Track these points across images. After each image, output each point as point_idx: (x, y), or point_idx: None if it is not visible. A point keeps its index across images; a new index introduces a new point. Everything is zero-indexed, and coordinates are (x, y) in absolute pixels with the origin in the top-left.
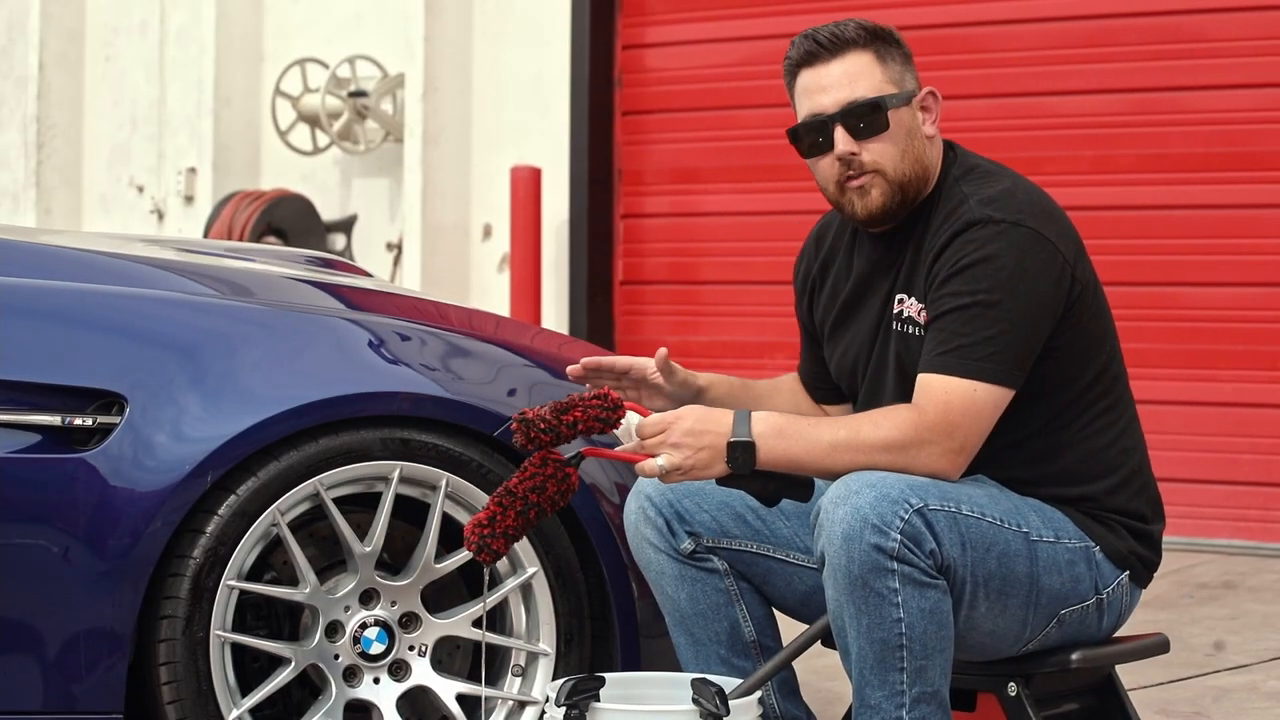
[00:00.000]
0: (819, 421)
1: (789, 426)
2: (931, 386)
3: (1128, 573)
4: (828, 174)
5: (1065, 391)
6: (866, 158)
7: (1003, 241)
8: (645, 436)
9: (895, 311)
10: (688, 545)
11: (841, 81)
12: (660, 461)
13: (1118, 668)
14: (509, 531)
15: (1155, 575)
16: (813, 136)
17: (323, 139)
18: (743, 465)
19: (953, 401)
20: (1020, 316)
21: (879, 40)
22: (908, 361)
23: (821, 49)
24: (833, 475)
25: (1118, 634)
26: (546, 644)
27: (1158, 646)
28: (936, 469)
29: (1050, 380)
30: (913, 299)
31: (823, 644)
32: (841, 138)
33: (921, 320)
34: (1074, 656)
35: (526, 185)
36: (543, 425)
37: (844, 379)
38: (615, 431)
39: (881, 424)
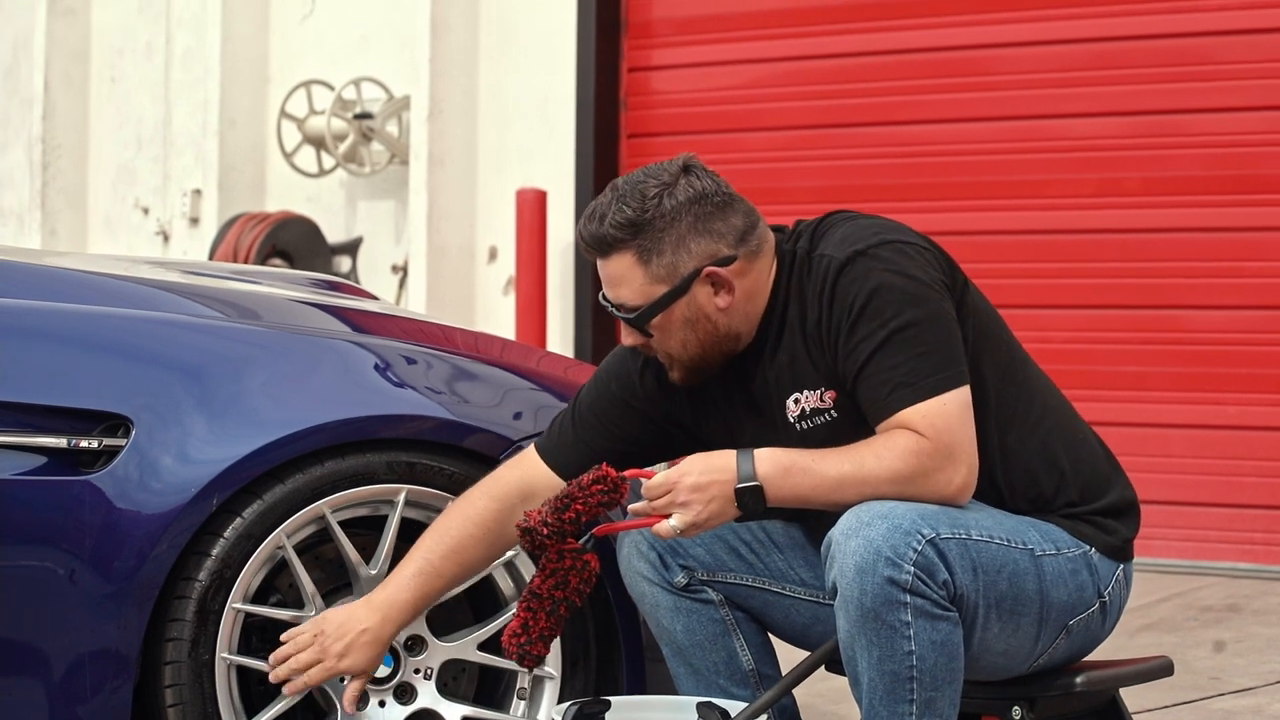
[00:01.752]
0: (823, 455)
1: (794, 464)
2: (906, 420)
3: (1121, 565)
4: None
5: (987, 393)
6: (654, 343)
7: (874, 266)
8: (653, 498)
9: (794, 414)
10: (681, 578)
11: (609, 283)
12: (673, 522)
13: (1121, 691)
14: (545, 633)
15: (1160, 598)
16: (609, 312)
17: (328, 161)
18: (754, 509)
19: (936, 422)
20: (931, 320)
21: (642, 233)
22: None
23: (588, 248)
24: (841, 508)
25: (1121, 657)
26: (552, 667)
27: (1162, 670)
28: (949, 495)
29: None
30: (806, 392)
31: (826, 668)
32: (625, 332)
33: (828, 404)
34: (1078, 680)
35: (532, 208)
36: (545, 531)
37: None
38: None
39: (883, 455)
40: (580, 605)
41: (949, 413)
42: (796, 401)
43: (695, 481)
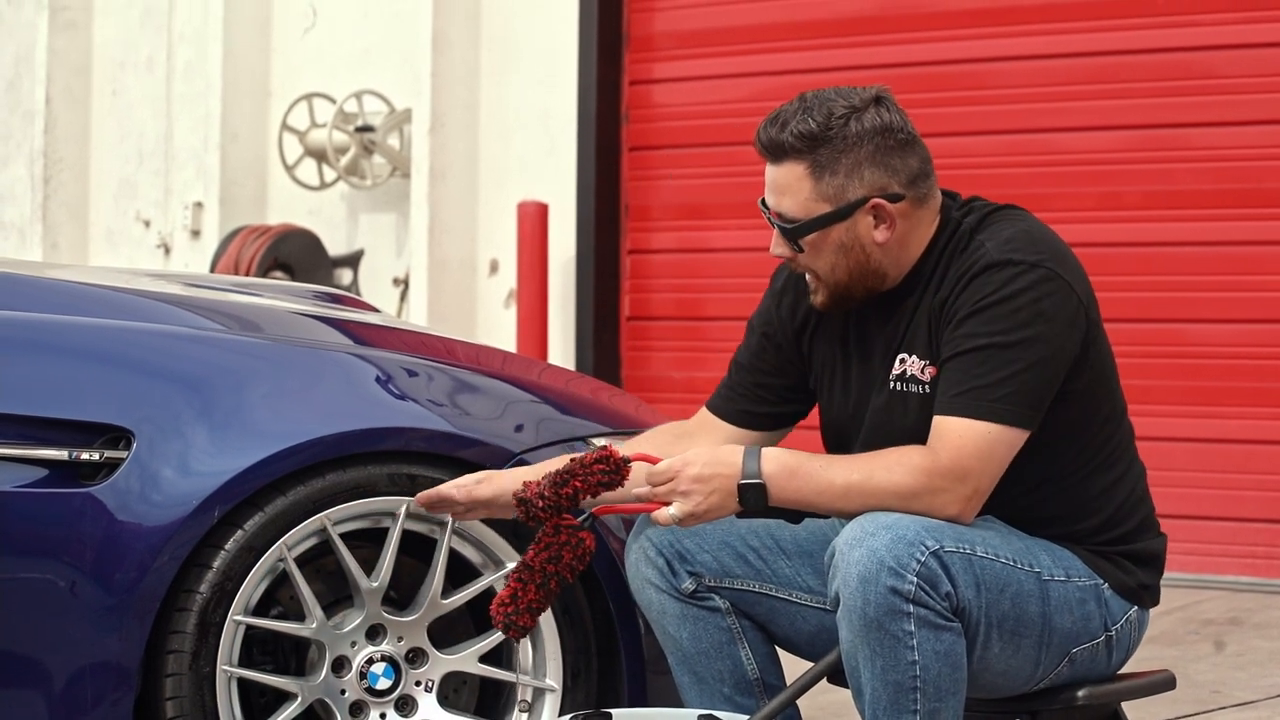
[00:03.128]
0: (831, 461)
1: (801, 467)
2: (946, 430)
3: (1135, 607)
4: None
5: (1080, 436)
6: (802, 259)
7: (1020, 283)
8: (655, 485)
9: (897, 372)
10: (689, 585)
11: (775, 187)
12: (672, 510)
13: (1124, 704)
14: (533, 605)
15: (1162, 612)
16: (766, 219)
17: (330, 174)
18: (754, 506)
19: (966, 446)
20: (1037, 358)
21: (822, 146)
22: (909, 421)
23: (764, 149)
24: (845, 516)
25: (1123, 671)
26: (553, 680)
27: (1164, 683)
28: (949, 515)
29: (1066, 425)
30: (914, 357)
31: (829, 680)
32: (776, 240)
33: (926, 378)
34: (1080, 694)
35: (533, 221)
36: (540, 504)
37: (830, 434)
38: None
39: (894, 469)
40: (571, 581)
41: (987, 441)
42: (902, 361)
43: (698, 473)
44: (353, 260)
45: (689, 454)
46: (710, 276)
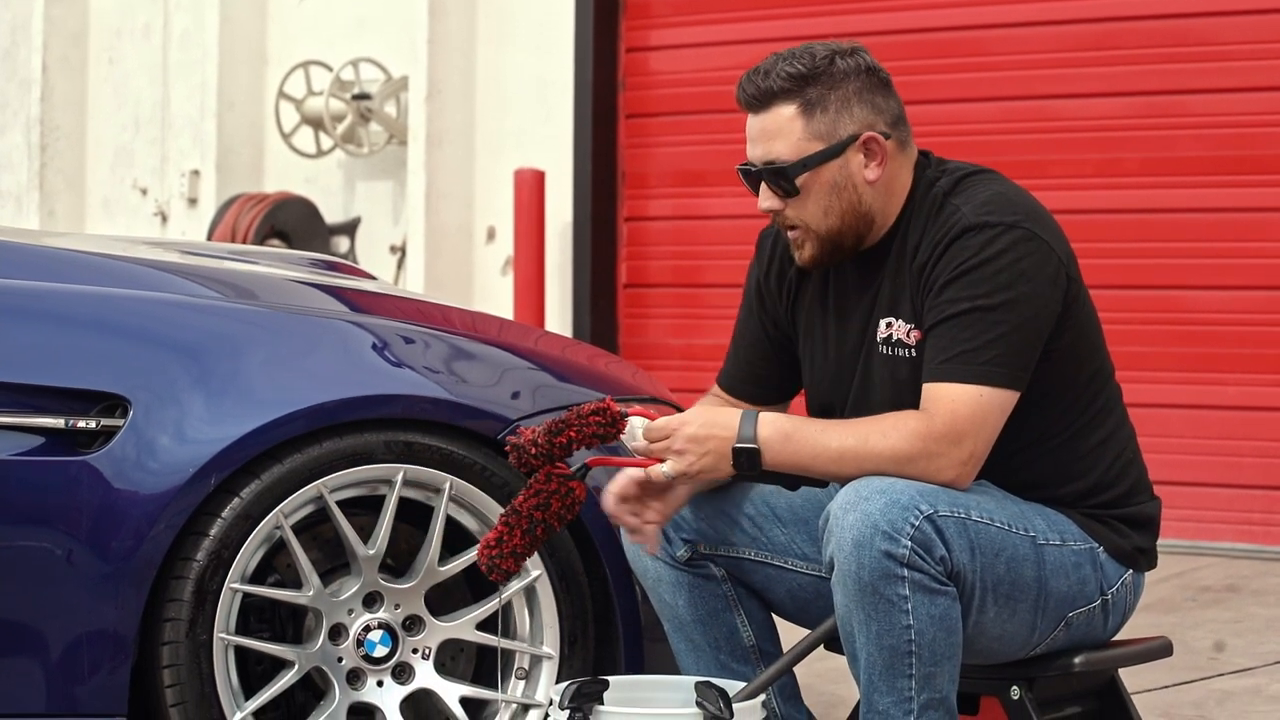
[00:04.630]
0: (827, 426)
1: (796, 431)
2: (939, 395)
3: (1130, 570)
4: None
5: (1066, 394)
6: (790, 213)
7: (998, 245)
8: (651, 441)
9: (883, 335)
10: (684, 552)
11: (763, 135)
12: (665, 468)
13: (1121, 671)
14: (518, 550)
15: (1159, 579)
16: (748, 184)
17: (326, 142)
18: (748, 470)
19: (960, 410)
20: (1021, 318)
21: (811, 85)
22: (898, 385)
23: (750, 98)
24: (840, 481)
25: (1121, 637)
26: (550, 647)
27: (1161, 650)
28: (945, 480)
29: (1051, 383)
30: (900, 321)
31: (825, 647)
32: (764, 194)
33: (912, 341)
34: (1077, 660)
35: (530, 188)
36: (534, 450)
37: (816, 399)
38: (621, 437)
39: (889, 434)
40: (558, 530)
41: (980, 404)
42: (889, 325)
43: (694, 433)
44: (349, 228)
45: (687, 413)
46: (707, 243)
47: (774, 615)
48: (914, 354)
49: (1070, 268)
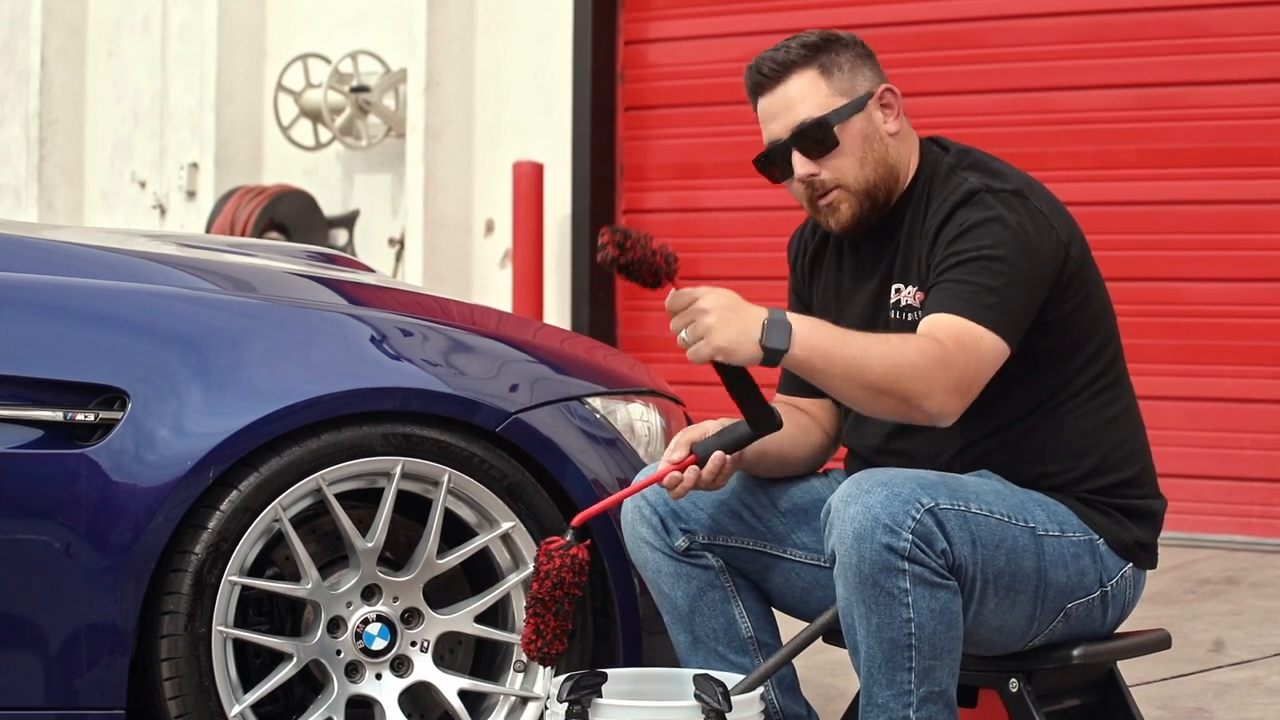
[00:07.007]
0: (849, 331)
1: (823, 324)
2: (941, 321)
3: (1131, 564)
4: (800, 195)
5: (1063, 366)
6: (826, 175)
7: (1005, 207)
8: (676, 309)
9: (893, 301)
10: (682, 543)
11: (787, 106)
12: (684, 335)
13: (1120, 663)
14: (558, 631)
15: (1157, 571)
16: (775, 164)
17: (325, 134)
18: (776, 347)
19: (964, 339)
20: (1021, 274)
21: (823, 52)
22: None
23: (766, 78)
24: (855, 386)
25: (1120, 629)
26: None
27: (1159, 642)
28: (940, 404)
29: (1046, 352)
30: (910, 287)
31: (824, 640)
32: (799, 161)
33: (917, 304)
34: (1076, 652)
35: (529, 181)
36: (631, 242)
37: None
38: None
39: (909, 340)
40: (581, 595)
41: (975, 338)
42: (898, 291)
43: (723, 302)
44: (348, 220)
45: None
46: (705, 236)
47: (773, 609)
48: (920, 316)
49: (1072, 247)
